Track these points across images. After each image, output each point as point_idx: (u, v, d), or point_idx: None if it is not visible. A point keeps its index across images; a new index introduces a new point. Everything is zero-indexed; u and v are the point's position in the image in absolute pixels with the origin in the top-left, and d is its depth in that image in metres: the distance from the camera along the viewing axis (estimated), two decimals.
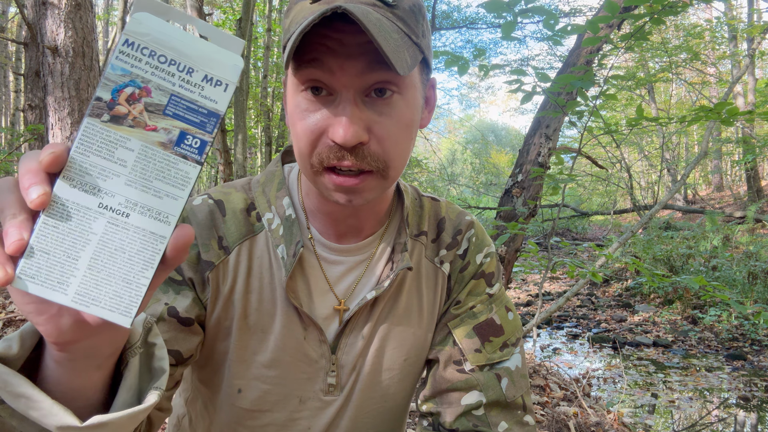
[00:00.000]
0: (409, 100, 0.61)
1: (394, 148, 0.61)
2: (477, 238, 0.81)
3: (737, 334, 5.62)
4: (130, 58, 0.37)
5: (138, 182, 0.38)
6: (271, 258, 0.72)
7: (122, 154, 0.37)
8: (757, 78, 12.92)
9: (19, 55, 9.29)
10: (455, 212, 0.83)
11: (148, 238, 0.38)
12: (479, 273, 0.79)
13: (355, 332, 0.74)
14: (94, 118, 0.37)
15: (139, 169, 0.38)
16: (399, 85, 0.60)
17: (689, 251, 7.75)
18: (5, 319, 3.18)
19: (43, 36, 4.03)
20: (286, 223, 0.72)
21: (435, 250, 0.80)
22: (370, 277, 0.75)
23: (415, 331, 0.76)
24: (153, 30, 0.37)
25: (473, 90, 25.46)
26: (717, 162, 15.57)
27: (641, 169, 17.15)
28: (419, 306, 0.77)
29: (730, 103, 2.33)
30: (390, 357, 0.75)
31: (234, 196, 0.75)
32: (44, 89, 4.10)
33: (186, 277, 0.70)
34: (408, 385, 0.79)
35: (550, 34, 2.21)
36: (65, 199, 0.36)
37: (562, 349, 5.30)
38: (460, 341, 0.75)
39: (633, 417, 3.65)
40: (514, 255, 3.82)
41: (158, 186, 0.38)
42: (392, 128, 0.60)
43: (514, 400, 0.73)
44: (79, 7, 4.07)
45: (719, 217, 9.66)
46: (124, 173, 0.37)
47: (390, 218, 0.78)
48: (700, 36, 11.62)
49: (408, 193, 0.80)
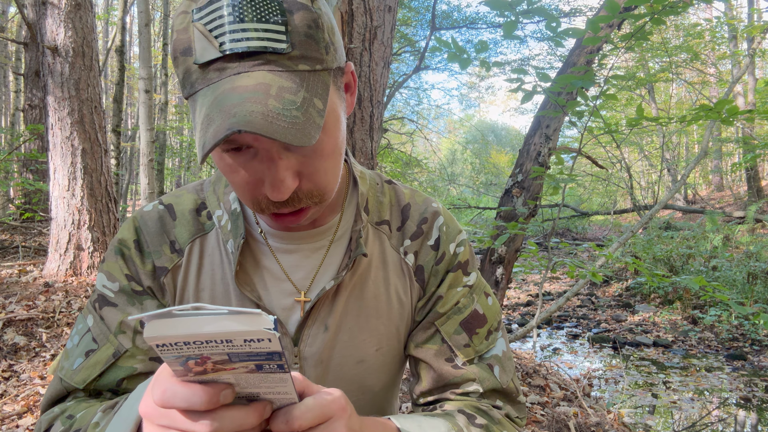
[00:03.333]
0: (330, 129, 0.59)
1: (325, 178, 0.61)
2: (448, 227, 0.79)
3: (737, 334, 5.62)
4: (172, 352, 0.39)
5: (250, 387, 0.44)
6: (222, 254, 0.73)
7: (224, 380, 0.43)
8: (757, 78, 12.92)
9: (19, 55, 9.28)
10: (420, 198, 0.81)
11: (284, 400, 0.46)
12: (456, 264, 0.78)
13: (318, 323, 0.73)
14: (183, 376, 0.42)
15: (243, 382, 0.43)
16: None
17: (689, 251, 7.75)
18: (5, 319, 3.18)
19: (43, 36, 4.02)
20: (232, 216, 0.73)
21: (400, 239, 0.78)
22: (329, 266, 0.74)
23: (384, 321, 0.75)
24: (169, 332, 0.38)
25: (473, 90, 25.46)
26: (717, 162, 15.58)
27: (641, 169, 17.16)
28: (387, 295, 0.76)
29: (731, 102, 2.33)
30: (360, 348, 0.74)
31: (184, 198, 0.76)
32: (44, 89, 4.10)
33: (145, 287, 0.72)
34: (385, 376, 0.78)
35: (550, 35, 2.21)
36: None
37: (562, 349, 5.30)
38: (449, 339, 0.75)
39: (633, 417, 3.64)
40: (514, 255, 3.82)
41: (267, 385, 0.43)
42: (319, 163, 0.60)
43: (507, 385, 0.75)
44: (79, 7, 4.07)
45: (719, 217, 9.65)
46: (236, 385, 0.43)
47: (345, 206, 0.77)
48: (700, 36, 11.62)
49: (365, 180, 0.79)
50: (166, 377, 0.43)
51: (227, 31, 0.52)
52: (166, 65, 12.12)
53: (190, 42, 0.54)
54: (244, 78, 0.52)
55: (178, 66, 0.56)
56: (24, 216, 6.72)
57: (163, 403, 0.42)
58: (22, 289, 3.72)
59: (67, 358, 0.70)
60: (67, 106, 4.02)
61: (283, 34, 0.53)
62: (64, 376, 0.68)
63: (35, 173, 6.90)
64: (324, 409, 0.47)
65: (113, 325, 0.70)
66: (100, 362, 0.68)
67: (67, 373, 0.68)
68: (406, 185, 0.85)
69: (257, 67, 0.53)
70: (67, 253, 4.05)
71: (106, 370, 0.68)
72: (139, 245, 0.73)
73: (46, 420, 0.67)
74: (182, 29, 0.54)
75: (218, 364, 0.40)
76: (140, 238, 0.73)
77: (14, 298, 3.52)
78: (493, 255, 3.73)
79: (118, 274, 0.72)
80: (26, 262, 4.74)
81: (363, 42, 2.36)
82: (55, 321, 3.30)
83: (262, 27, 0.52)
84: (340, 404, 0.49)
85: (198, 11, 0.53)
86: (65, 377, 0.68)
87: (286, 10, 0.53)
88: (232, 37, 0.52)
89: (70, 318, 3.36)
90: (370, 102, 2.43)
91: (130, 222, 0.75)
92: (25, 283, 3.89)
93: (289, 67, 0.54)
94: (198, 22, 0.53)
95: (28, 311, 3.33)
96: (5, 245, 5.53)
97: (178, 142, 16.07)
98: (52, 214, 4.15)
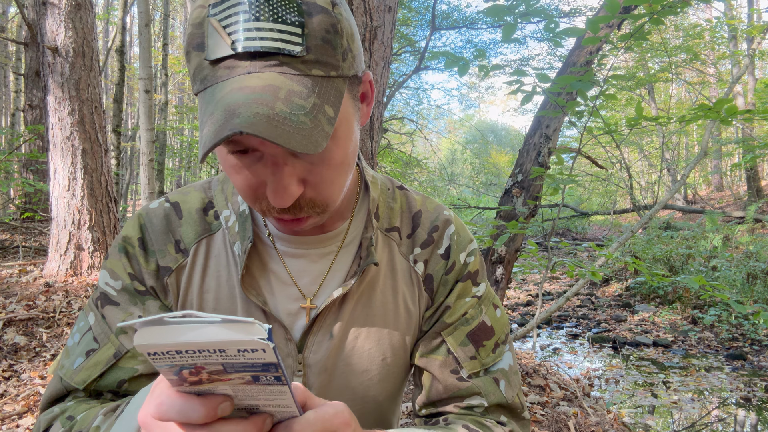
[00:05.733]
0: (340, 138, 0.58)
1: (330, 189, 0.60)
2: (459, 236, 0.77)
3: (737, 334, 5.62)
4: (164, 361, 0.38)
5: (248, 399, 0.42)
6: (228, 256, 0.71)
7: (221, 392, 0.42)
8: (756, 78, 12.92)
9: (19, 55, 9.28)
10: (432, 206, 0.79)
11: (285, 413, 0.44)
12: (465, 274, 0.76)
13: (323, 330, 0.71)
14: (179, 386, 0.41)
15: (241, 394, 0.42)
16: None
17: (689, 251, 7.75)
18: (5, 319, 3.18)
19: (44, 36, 4.02)
20: (240, 218, 0.71)
21: (410, 246, 0.76)
22: (337, 273, 0.73)
23: (391, 331, 0.74)
24: (160, 341, 0.36)
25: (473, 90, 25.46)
26: (717, 162, 15.58)
27: (641, 169, 17.15)
28: (395, 304, 0.74)
29: (730, 102, 2.33)
30: (366, 358, 0.73)
31: (192, 196, 0.74)
32: (44, 89, 4.10)
33: (148, 287, 0.71)
34: (390, 386, 0.76)
35: (550, 35, 2.21)
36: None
37: (562, 349, 5.30)
38: (455, 350, 0.73)
39: (633, 417, 3.65)
40: (514, 255, 3.82)
41: (265, 397, 0.42)
42: (326, 173, 0.58)
43: (513, 400, 0.73)
44: (79, 7, 4.07)
45: (719, 217, 9.66)
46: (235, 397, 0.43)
47: (355, 212, 0.76)
48: (700, 36, 11.62)
49: (377, 186, 0.77)
50: (163, 389, 0.42)
51: (241, 29, 0.50)
52: (166, 65, 12.11)
53: (204, 37, 0.52)
54: (254, 78, 0.50)
55: (190, 61, 0.55)
56: (24, 216, 6.72)
57: (160, 416, 0.41)
58: (23, 289, 3.72)
59: (68, 357, 0.69)
60: (67, 106, 4.02)
61: (299, 36, 0.51)
62: (64, 376, 0.67)
63: (35, 173, 6.91)
64: (326, 424, 0.45)
65: (115, 324, 0.68)
66: (100, 363, 0.67)
67: (67, 372, 0.67)
68: (418, 192, 0.83)
69: (268, 68, 0.51)
70: (68, 253, 4.06)
71: (107, 371, 0.67)
72: (143, 243, 0.72)
73: (45, 420, 0.66)
74: (197, 23, 0.53)
75: (213, 374, 0.39)
76: (145, 236, 0.72)
77: (14, 298, 3.52)
78: (493, 255, 3.74)
79: (121, 272, 0.71)
80: (26, 262, 4.74)
81: (363, 42, 2.36)
82: (55, 321, 3.30)
83: (277, 27, 0.51)
84: (344, 419, 0.47)
85: (214, 6, 0.52)
86: (65, 377, 0.67)
87: (305, 12, 0.52)
88: (246, 36, 0.50)
89: (70, 318, 3.37)
90: None
91: (136, 219, 0.74)
92: (25, 283, 3.89)
93: (302, 71, 0.52)
94: (213, 18, 0.52)
95: (29, 311, 3.33)
96: (5, 245, 5.53)
97: (179, 142, 16.07)
98: (52, 214, 4.15)
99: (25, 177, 6.68)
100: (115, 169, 7.70)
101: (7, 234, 6.19)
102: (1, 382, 2.64)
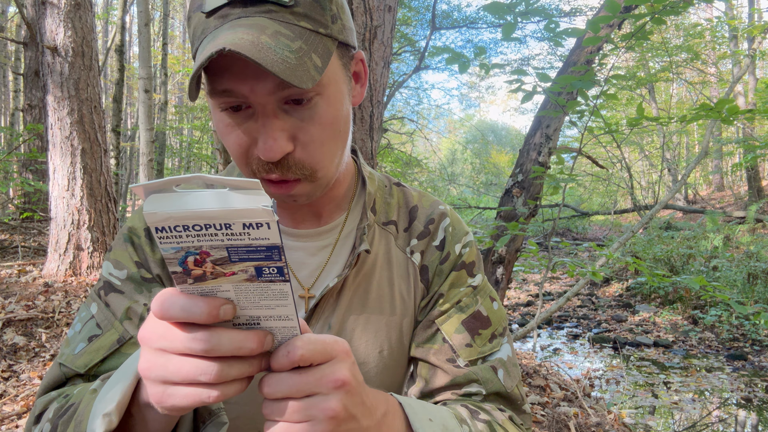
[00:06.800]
0: (330, 97, 0.60)
1: (320, 151, 0.61)
2: (453, 228, 0.79)
3: (738, 335, 5.62)
4: (170, 239, 0.38)
5: (250, 306, 0.43)
6: None
7: (223, 295, 0.42)
8: (757, 78, 12.91)
9: (19, 55, 9.27)
10: (428, 201, 0.81)
11: (286, 332, 0.45)
12: (460, 264, 0.77)
13: (322, 321, 0.72)
14: (183, 284, 0.41)
15: (243, 298, 0.42)
16: (315, 87, 0.58)
17: (690, 251, 7.75)
18: (5, 319, 3.17)
19: (43, 35, 4.02)
20: None
21: (406, 239, 0.78)
22: (335, 265, 0.74)
23: (388, 322, 0.74)
24: (169, 209, 0.37)
25: (473, 90, 25.46)
26: (717, 162, 15.57)
27: (642, 169, 17.15)
28: (391, 296, 0.75)
29: (731, 101, 2.32)
30: (363, 350, 0.73)
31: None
32: (44, 89, 4.10)
33: (154, 274, 0.71)
34: (388, 378, 0.76)
35: (550, 35, 2.20)
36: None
37: (562, 349, 5.29)
38: (450, 337, 0.73)
39: (634, 417, 3.64)
40: (515, 255, 3.81)
41: (267, 303, 0.43)
42: (316, 132, 0.60)
43: (512, 390, 0.73)
44: (79, 6, 4.06)
45: (720, 217, 9.65)
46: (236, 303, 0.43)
47: (352, 206, 0.77)
48: (701, 36, 11.61)
49: (374, 181, 0.79)
50: (165, 291, 0.42)
51: None
52: (166, 65, 12.11)
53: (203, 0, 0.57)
54: (243, 21, 0.54)
55: (191, 25, 0.58)
56: (23, 216, 6.72)
57: (162, 314, 0.41)
58: (22, 289, 3.71)
59: (68, 345, 0.68)
60: (66, 105, 4.02)
61: None
62: (65, 361, 0.67)
63: (35, 173, 6.90)
64: (327, 347, 0.45)
65: (119, 311, 0.68)
66: (103, 347, 0.66)
67: (68, 358, 0.67)
68: (415, 188, 0.84)
69: (259, 14, 0.55)
70: (67, 253, 4.05)
71: (109, 356, 0.66)
72: (149, 234, 0.72)
73: (42, 403, 0.65)
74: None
75: (217, 265, 0.39)
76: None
77: (14, 298, 3.51)
78: (494, 255, 3.73)
79: (126, 262, 0.71)
80: (26, 262, 4.73)
81: (363, 42, 2.36)
82: (54, 321, 3.30)
83: None
84: (344, 348, 0.47)
85: None
86: (65, 362, 0.67)
87: None
88: None
89: (69, 318, 3.36)
90: (370, 102, 2.43)
91: (140, 211, 0.74)
92: (24, 283, 3.89)
93: (291, 20, 0.55)
94: None
95: (28, 311, 3.32)
96: (5, 245, 5.53)
97: (178, 141, 16.06)
98: (51, 214, 4.14)
99: (25, 177, 6.68)
100: (114, 169, 7.69)
101: (7, 234, 6.18)
102: (0, 382, 2.63)
